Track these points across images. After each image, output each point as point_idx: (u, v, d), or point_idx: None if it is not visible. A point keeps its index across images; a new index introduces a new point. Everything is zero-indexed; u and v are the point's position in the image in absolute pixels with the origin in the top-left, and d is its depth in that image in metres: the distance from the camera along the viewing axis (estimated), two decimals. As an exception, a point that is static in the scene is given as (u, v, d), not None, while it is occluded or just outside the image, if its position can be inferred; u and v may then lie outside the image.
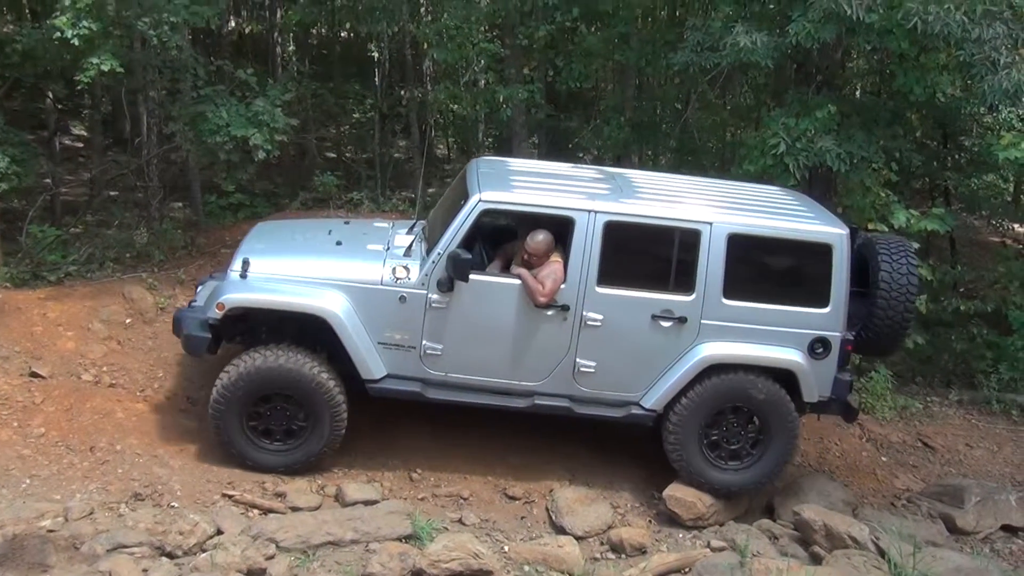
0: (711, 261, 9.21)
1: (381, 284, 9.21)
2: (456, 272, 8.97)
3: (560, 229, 9.24)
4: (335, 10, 16.89)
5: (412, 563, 8.12)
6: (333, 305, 9.14)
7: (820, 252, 9.30)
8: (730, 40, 10.53)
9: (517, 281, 9.21)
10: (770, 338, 9.36)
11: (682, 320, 9.28)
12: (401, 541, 8.48)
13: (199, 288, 10.21)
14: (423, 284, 9.18)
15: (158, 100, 12.91)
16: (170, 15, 11.55)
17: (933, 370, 13.58)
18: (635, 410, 9.51)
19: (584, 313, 9.23)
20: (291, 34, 18.23)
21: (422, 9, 15.39)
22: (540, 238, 9.24)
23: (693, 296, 9.27)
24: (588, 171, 10.62)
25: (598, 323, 9.25)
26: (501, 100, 13.13)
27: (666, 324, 9.29)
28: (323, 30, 18.60)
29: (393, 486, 9.55)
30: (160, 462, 9.37)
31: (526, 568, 8.54)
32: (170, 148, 13.76)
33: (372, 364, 9.27)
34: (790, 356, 9.37)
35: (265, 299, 9.18)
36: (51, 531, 8.13)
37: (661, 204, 9.38)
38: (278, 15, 17.62)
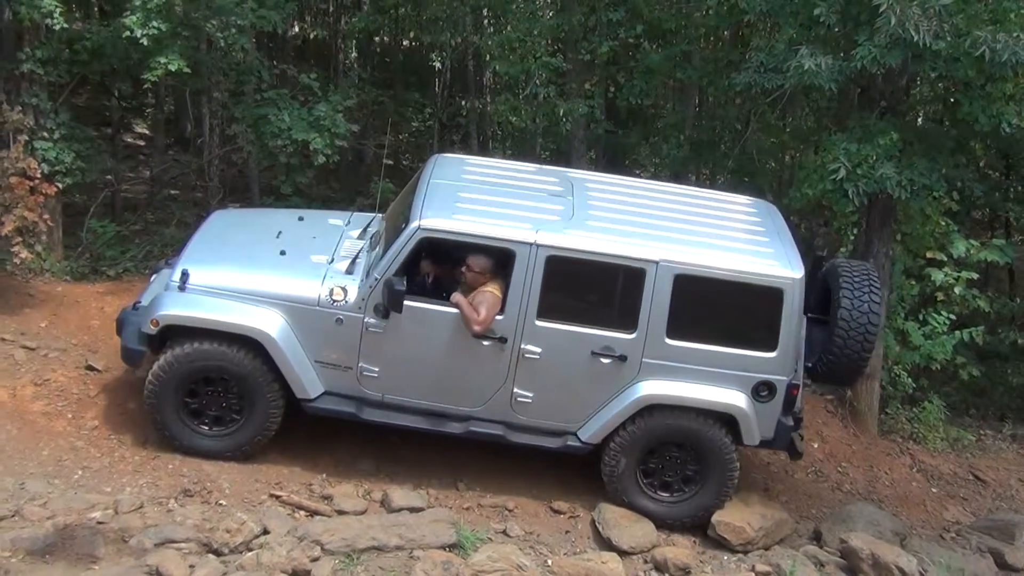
0: (655, 300, 9.02)
1: (318, 305, 9.12)
2: (390, 303, 8.85)
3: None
4: (399, 19, 16.99)
5: (455, 572, 8.12)
6: (268, 325, 9.05)
7: (771, 296, 9.05)
8: (794, 62, 10.46)
9: (454, 309, 9.07)
10: (713, 379, 9.18)
11: (622, 358, 9.13)
12: (445, 550, 8.49)
13: (152, 277, 10.12)
14: (360, 308, 9.09)
15: (221, 101, 13.04)
16: (238, 18, 11.68)
17: (987, 403, 13.45)
18: (571, 441, 9.41)
19: (522, 345, 9.10)
20: (354, 41, 18.34)
21: (485, 21, 15.44)
22: (481, 260, 9.10)
23: (635, 335, 9.10)
24: (547, 181, 10.19)
25: (536, 356, 9.13)
26: (561, 114, 13.14)
27: (606, 361, 9.14)
28: (386, 38, 18.71)
29: (439, 494, 9.56)
30: (210, 459, 9.42)
31: (568, 583, 8.54)
32: (231, 149, 13.89)
33: (307, 383, 9.21)
34: (731, 400, 9.20)
35: (199, 317, 9.08)
36: (101, 523, 8.23)
37: (607, 238, 9.11)
38: (342, 22, 17.75)
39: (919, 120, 13.14)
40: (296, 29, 18.71)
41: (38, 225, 11.18)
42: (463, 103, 16.51)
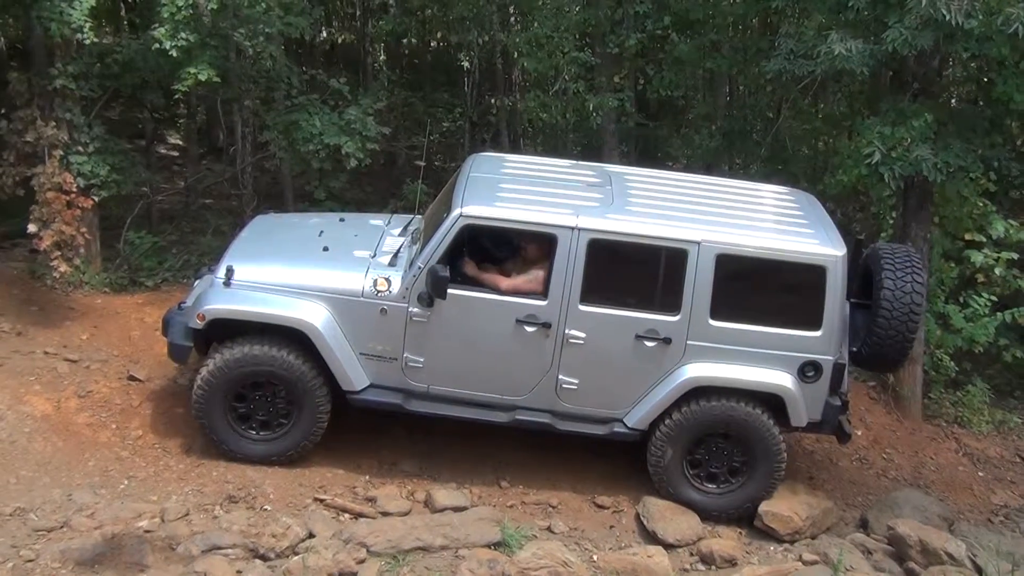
0: (698, 281, 9.02)
1: (362, 296, 9.18)
2: (434, 289, 8.90)
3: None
4: (425, 20, 17.00)
5: (501, 570, 8.16)
6: (313, 317, 9.11)
7: (813, 274, 9.03)
8: (824, 48, 10.38)
9: (498, 296, 9.13)
10: (759, 360, 9.15)
11: (667, 341, 9.11)
12: (490, 548, 8.54)
13: (195, 282, 10.18)
14: (404, 297, 9.13)
15: (253, 109, 13.10)
16: (265, 26, 11.72)
17: (1032, 385, 13.26)
18: (618, 428, 9.39)
19: (566, 331, 9.11)
20: (382, 44, 18.38)
21: (512, 19, 15.42)
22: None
23: (679, 316, 9.09)
24: (586, 172, 10.31)
25: (581, 341, 9.12)
26: (591, 108, 13.11)
27: (650, 344, 9.13)
28: (413, 39, 18.74)
29: (482, 493, 9.58)
30: (253, 465, 9.48)
31: (614, 577, 8.52)
32: (264, 156, 13.95)
33: (353, 375, 9.25)
34: (778, 380, 9.16)
35: (245, 310, 9.17)
36: (148, 531, 8.33)
37: (648, 221, 9.14)
38: (369, 25, 17.78)
39: (952, 101, 13.00)
40: (324, 34, 18.75)
41: (76, 239, 11.31)
42: (493, 101, 16.49)
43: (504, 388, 9.35)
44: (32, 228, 11.23)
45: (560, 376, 9.24)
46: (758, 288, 9.19)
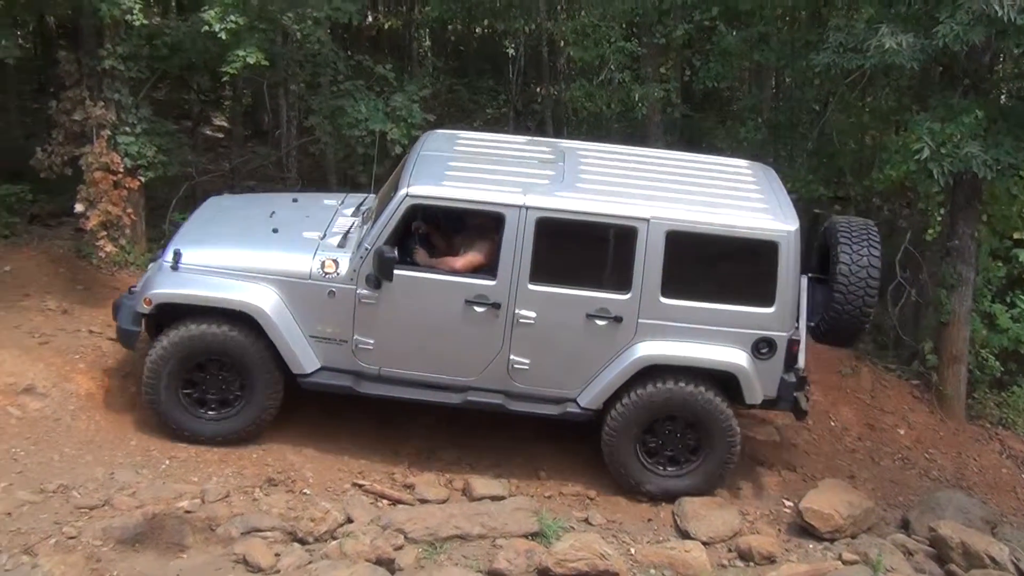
0: (648, 259, 8.94)
1: (310, 279, 9.14)
2: (381, 271, 8.87)
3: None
4: (471, 7, 16.95)
5: (538, 561, 8.16)
6: (261, 300, 9.08)
7: (765, 250, 8.95)
8: (874, 42, 10.27)
9: (447, 277, 9.10)
10: (712, 338, 9.07)
11: (618, 319, 9.04)
12: (527, 538, 8.52)
13: (151, 265, 10.14)
14: (352, 280, 9.09)
15: (298, 93, 13.13)
16: (313, 10, 11.74)
17: (1079, 386, 13.07)
18: (571, 408, 9.33)
19: (516, 311, 9.04)
20: (427, 30, 18.36)
21: (559, 7, 15.35)
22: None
23: (630, 295, 9.02)
24: (539, 148, 10.22)
25: (531, 321, 9.07)
26: (636, 99, 13.03)
27: (601, 323, 9.06)
28: (459, 26, 18.71)
29: (520, 483, 9.57)
30: (293, 449, 9.58)
31: (652, 571, 8.51)
32: (309, 140, 13.98)
33: (303, 358, 9.21)
34: (732, 358, 9.08)
35: (192, 294, 9.14)
36: (188, 512, 8.38)
37: (597, 198, 9.07)
38: (415, 11, 17.77)
39: (1003, 98, 12.82)
40: (369, 19, 18.76)
41: (122, 219, 11.36)
42: (539, 90, 16.44)
43: (455, 369, 9.30)
44: (79, 208, 11.31)
45: (511, 356, 9.19)
46: (710, 265, 9.12)
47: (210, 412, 9.39)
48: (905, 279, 12.11)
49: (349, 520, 8.54)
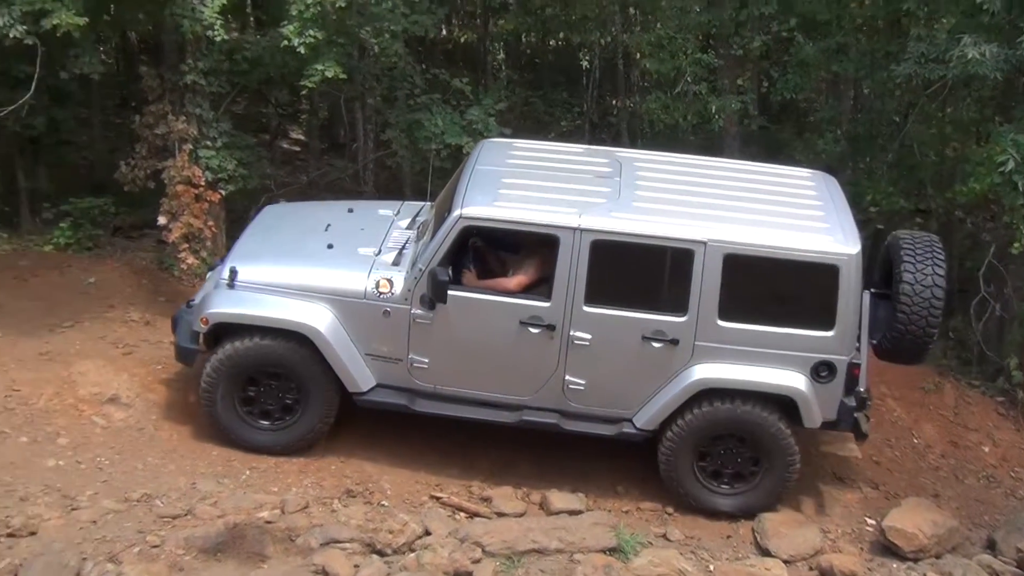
0: (706, 281, 8.81)
1: (364, 298, 9.11)
2: (435, 293, 8.82)
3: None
4: (546, 19, 16.97)
5: (617, 576, 8.10)
6: (316, 320, 9.07)
7: (826, 273, 8.77)
8: (957, 52, 10.12)
9: (501, 298, 9.04)
10: (770, 361, 8.92)
11: (674, 342, 8.91)
12: (605, 553, 8.44)
13: (209, 274, 10.24)
14: (406, 299, 9.05)
15: (375, 107, 13.23)
16: (391, 24, 11.82)
17: None
18: (627, 428, 9.24)
19: (571, 332, 8.95)
20: (501, 43, 18.41)
21: (634, 19, 15.32)
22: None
23: (686, 317, 8.88)
24: (595, 162, 10.03)
25: (586, 342, 8.97)
26: (713, 111, 12.96)
27: (657, 345, 8.94)
28: (533, 38, 18.75)
29: (597, 498, 9.52)
30: (371, 461, 9.63)
31: (732, 589, 8.41)
32: (385, 154, 14.07)
33: (359, 377, 9.21)
34: (790, 381, 8.93)
35: (248, 314, 9.16)
36: (268, 522, 8.43)
37: (653, 219, 8.93)
38: (490, 24, 17.84)
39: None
40: (443, 32, 18.87)
41: (203, 231, 11.55)
42: (614, 103, 16.41)
43: (510, 388, 9.27)
44: (162, 220, 11.52)
45: (567, 377, 9.13)
46: (768, 287, 8.96)
47: (265, 423, 9.47)
48: (989, 293, 11.86)
49: (427, 532, 8.54)
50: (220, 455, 9.45)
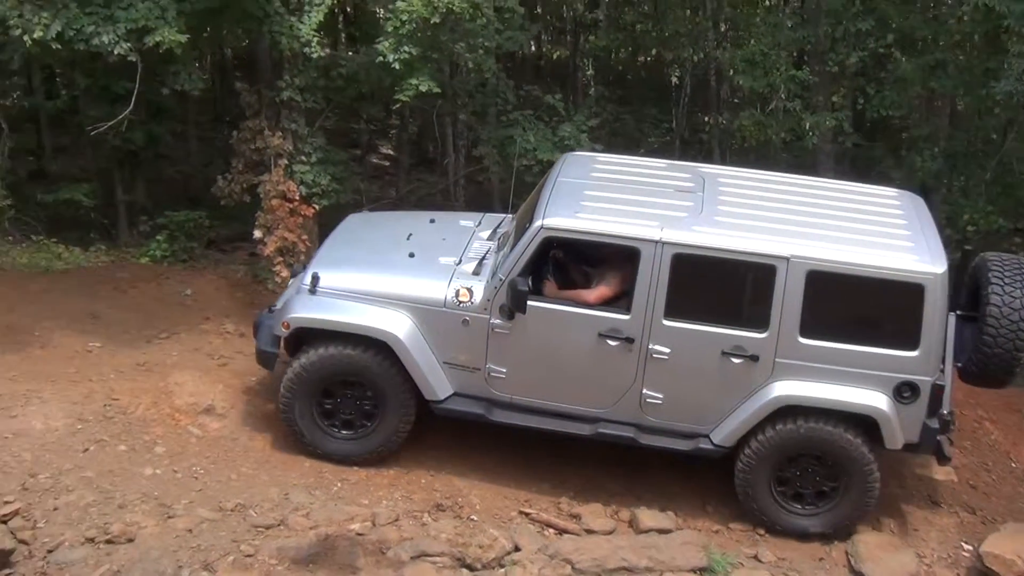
0: (787, 298, 8.66)
1: (444, 306, 9.11)
2: (514, 304, 8.79)
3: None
4: (637, 36, 16.96)
5: (708, 596, 8.02)
6: (396, 327, 9.10)
7: (911, 292, 8.57)
8: (1059, 68, 9.93)
9: (580, 310, 8.98)
10: (852, 380, 8.73)
11: (754, 358, 8.77)
12: (695, 573, 8.36)
13: (291, 281, 10.29)
14: (485, 309, 9.03)
15: (467, 123, 13.32)
16: (484, 40, 11.90)
17: None
18: (703, 444, 9.12)
19: (650, 346, 8.86)
20: (590, 59, 18.42)
21: (727, 35, 15.25)
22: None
23: (767, 334, 8.74)
24: (678, 177, 9.96)
25: (665, 356, 8.87)
26: (807, 127, 12.84)
27: (737, 361, 8.81)
28: (622, 54, 18.74)
29: (686, 516, 9.41)
30: (461, 475, 9.62)
31: (826, 613, 8.28)
32: (476, 169, 14.16)
33: (436, 385, 9.21)
34: (871, 401, 8.73)
35: (329, 319, 9.21)
36: (360, 534, 8.46)
37: (736, 234, 8.80)
38: (580, 40, 17.88)
39: None
40: (533, 48, 18.97)
41: (297, 245, 11.72)
42: (706, 119, 16.33)
43: (587, 400, 9.21)
44: (257, 234, 11.71)
45: (644, 390, 9.05)
46: (852, 305, 8.80)
47: (343, 431, 9.53)
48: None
49: (516, 548, 8.50)
50: (312, 467, 9.52)
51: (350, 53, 13.25)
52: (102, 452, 9.26)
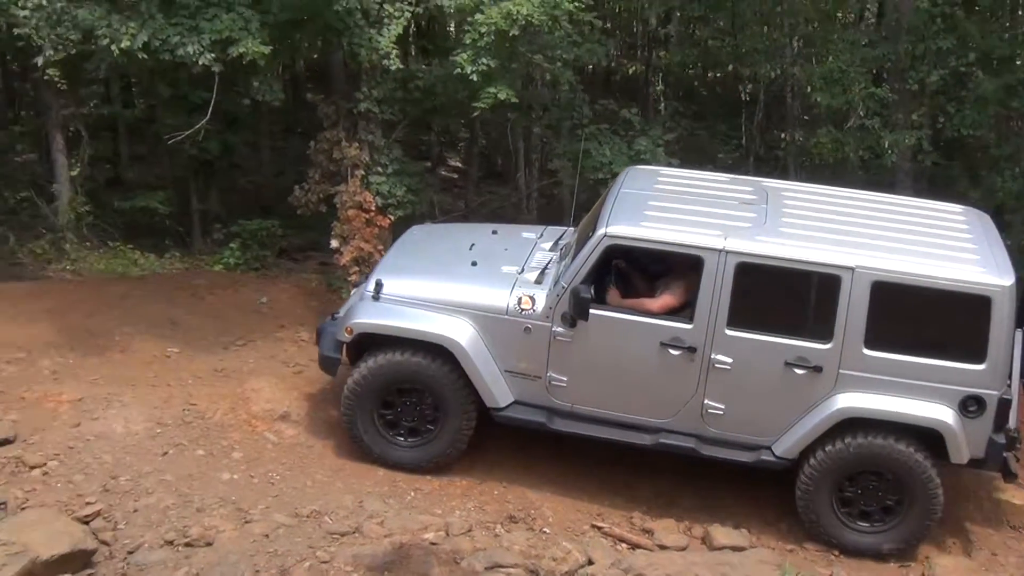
0: (852, 308, 8.59)
1: (506, 314, 9.12)
2: (576, 311, 8.77)
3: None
4: (711, 51, 16.89)
5: (783, 616, 7.95)
6: (458, 333, 9.12)
7: (978, 305, 8.47)
8: None
9: (642, 318, 8.95)
10: (917, 393, 8.63)
11: (817, 369, 8.69)
12: (769, 591, 8.30)
13: (354, 289, 10.35)
14: (547, 317, 9.02)
15: (541, 136, 13.34)
16: (563, 52, 11.91)
17: None
18: (765, 456, 9.06)
19: (712, 355, 8.81)
20: (661, 74, 18.38)
21: (805, 52, 15.13)
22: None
23: (831, 345, 8.66)
24: (742, 188, 9.99)
25: (727, 366, 8.81)
26: (886, 146, 12.70)
27: (800, 372, 8.72)
28: (693, 70, 18.68)
29: (760, 534, 9.33)
30: (533, 488, 9.62)
31: (903, 637, 8.17)
32: (551, 183, 14.18)
33: (497, 392, 9.22)
34: (936, 415, 8.62)
35: (392, 325, 9.25)
36: (434, 544, 8.45)
37: (799, 244, 8.75)
38: (652, 55, 17.86)
39: None
40: (603, 63, 18.95)
41: (373, 255, 11.78)
42: (783, 136, 16.22)
43: (648, 410, 9.17)
44: (334, 244, 11.80)
45: (706, 400, 9.01)
46: (917, 317, 8.70)
47: (403, 438, 9.57)
48: None
49: (590, 562, 8.47)
50: (385, 475, 9.56)
51: (424, 66, 13.29)
52: (181, 456, 9.39)
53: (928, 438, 8.82)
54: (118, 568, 7.94)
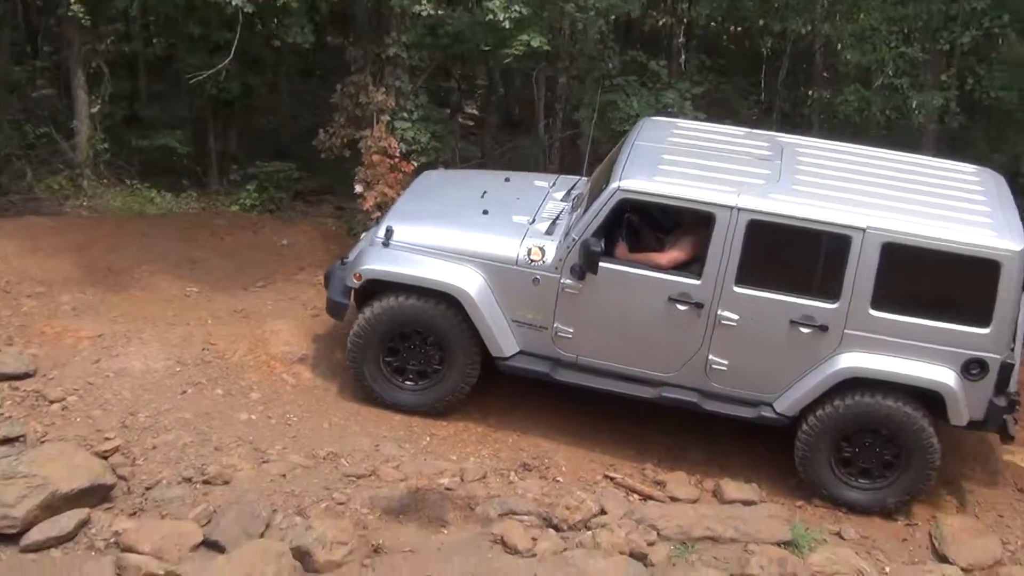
0: (861, 269, 8.60)
1: (516, 264, 9.15)
2: (586, 264, 8.79)
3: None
4: (739, 5, 16.65)
5: (791, 570, 7.99)
6: (467, 282, 9.15)
7: (986, 269, 8.46)
8: None
9: (651, 273, 8.95)
10: (920, 354, 8.66)
11: (823, 328, 8.71)
12: (780, 546, 8.30)
13: (364, 234, 10.36)
14: (557, 268, 9.04)
15: (568, 86, 13.25)
16: (596, 1, 11.79)
17: None
18: (766, 412, 9.11)
19: (719, 312, 8.84)
20: (682, 27, 18.18)
21: (837, 9, 14.93)
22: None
23: (837, 304, 8.69)
24: (757, 145, 9.93)
25: (733, 323, 8.85)
26: (913, 107, 12.57)
27: (805, 330, 8.75)
28: (715, 24, 18.46)
29: (770, 489, 9.38)
30: (547, 437, 9.68)
31: (908, 592, 8.21)
32: (574, 134, 14.10)
33: (503, 342, 9.26)
34: (940, 376, 8.65)
35: (401, 272, 9.27)
36: (448, 489, 8.55)
37: (812, 203, 8.73)
38: (678, 8, 17.62)
39: None
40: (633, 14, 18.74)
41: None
42: (811, 93, 16.07)
43: (652, 364, 9.21)
44: (358, 189, 11.79)
45: (710, 356, 9.05)
46: (925, 279, 8.72)
47: (407, 382, 9.62)
48: None
49: (602, 511, 8.55)
50: (401, 420, 9.62)
51: (456, 12, 13.18)
52: (199, 395, 9.47)
53: (927, 398, 8.87)
54: (136, 503, 8.03)
